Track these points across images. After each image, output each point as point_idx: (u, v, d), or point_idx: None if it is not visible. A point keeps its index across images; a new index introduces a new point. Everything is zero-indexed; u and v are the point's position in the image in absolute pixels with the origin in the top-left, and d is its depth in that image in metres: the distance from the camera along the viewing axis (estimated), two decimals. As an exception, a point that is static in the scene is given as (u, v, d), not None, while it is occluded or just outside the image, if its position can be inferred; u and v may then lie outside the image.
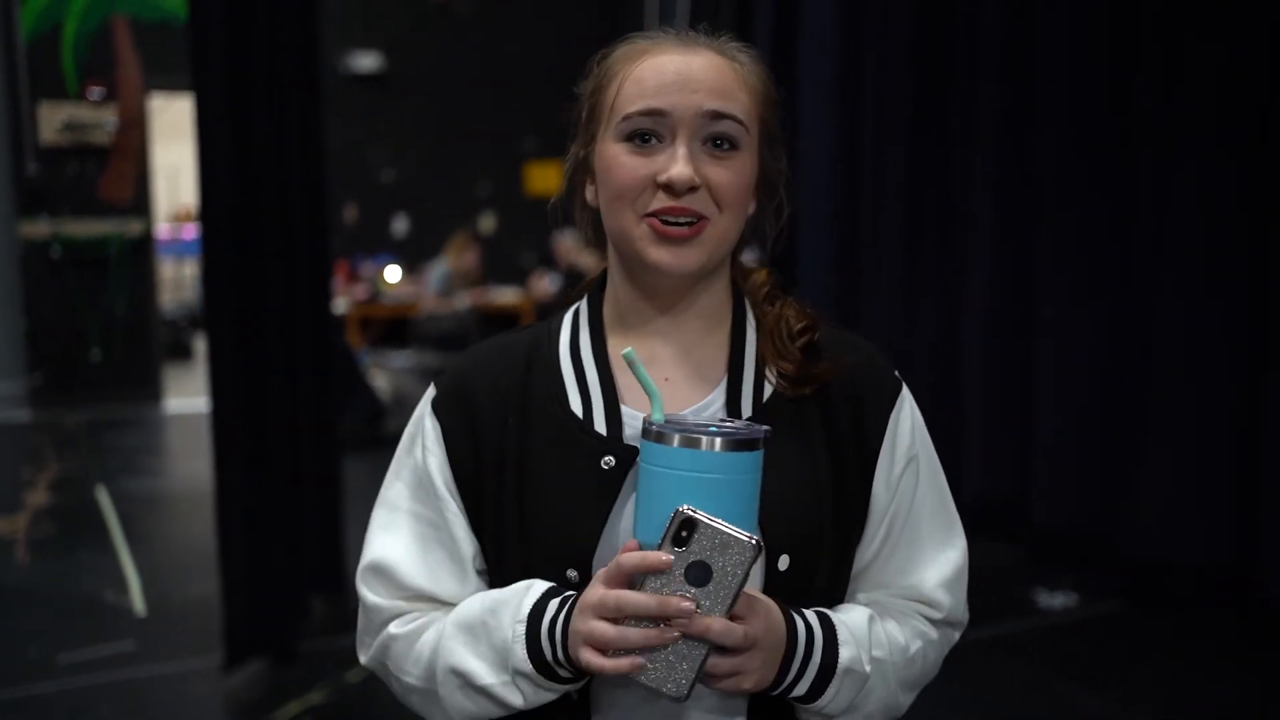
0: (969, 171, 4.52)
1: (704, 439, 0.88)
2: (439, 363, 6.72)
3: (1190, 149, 3.61)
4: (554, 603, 0.95)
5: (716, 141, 0.98)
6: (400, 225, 8.81)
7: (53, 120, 7.37)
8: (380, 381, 6.98)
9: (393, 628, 1.04)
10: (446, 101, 8.58)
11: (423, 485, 1.05)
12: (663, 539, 0.86)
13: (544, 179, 8.52)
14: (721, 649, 0.88)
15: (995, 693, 3.08)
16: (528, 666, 0.94)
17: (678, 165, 0.96)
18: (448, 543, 1.04)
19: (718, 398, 1.03)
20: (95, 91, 7.43)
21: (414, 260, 8.30)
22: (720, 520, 0.85)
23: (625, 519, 0.98)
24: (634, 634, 0.87)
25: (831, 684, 0.96)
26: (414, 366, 6.96)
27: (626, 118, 0.99)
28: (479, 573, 1.05)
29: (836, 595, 1.05)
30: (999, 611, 3.62)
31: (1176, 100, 3.62)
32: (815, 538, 1.00)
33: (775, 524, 0.96)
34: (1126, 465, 3.85)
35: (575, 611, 0.92)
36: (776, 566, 0.97)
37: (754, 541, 0.85)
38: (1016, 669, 3.25)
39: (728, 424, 0.94)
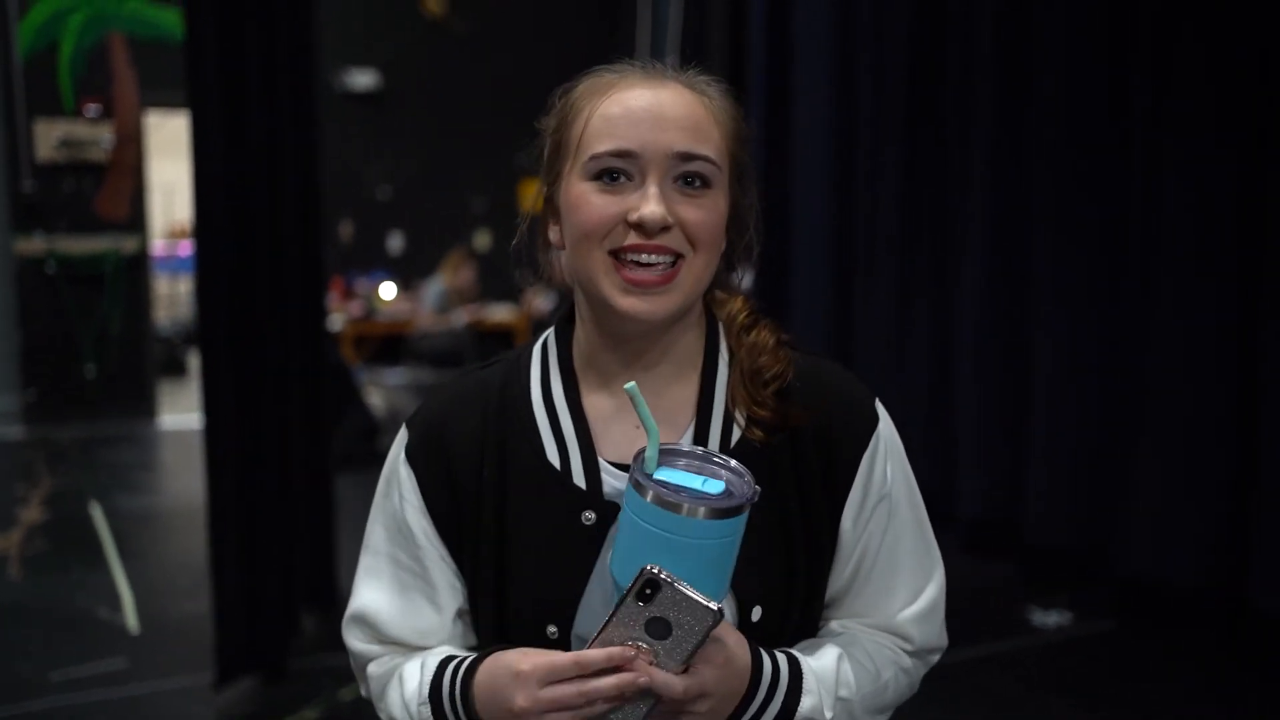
0: (963, 182, 4.54)
1: (685, 505, 0.87)
2: (434, 379, 6.72)
3: (1186, 154, 3.61)
4: (447, 673, 0.98)
5: (689, 180, 0.95)
6: (396, 242, 8.82)
7: (49, 137, 7.38)
8: (375, 398, 6.98)
9: (370, 667, 1.07)
10: (442, 119, 8.60)
11: (401, 532, 1.04)
12: (627, 591, 0.86)
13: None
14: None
15: (987, 710, 3.08)
16: None
17: (650, 204, 0.93)
18: (428, 591, 1.04)
19: (684, 442, 1.00)
20: (91, 108, 7.45)
21: (409, 277, 8.31)
22: (686, 585, 0.85)
23: (605, 572, 0.96)
24: (601, 684, 0.87)
25: None
26: (409, 383, 6.96)
27: (594, 157, 0.95)
28: (460, 615, 1.05)
29: (809, 629, 1.05)
30: (991, 629, 3.62)
31: (1172, 104, 3.63)
32: (787, 586, 0.99)
33: (747, 577, 0.95)
34: (1119, 484, 3.85)
35: (513, 685, 0.91)
36: (750, 618, 0.97)
37: (716, 609, 0.85)
38: (1008, 686, 3.25)
39: (722, 461, 0.94)
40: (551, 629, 0.97)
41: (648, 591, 0.85)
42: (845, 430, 1.03)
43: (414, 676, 1.01)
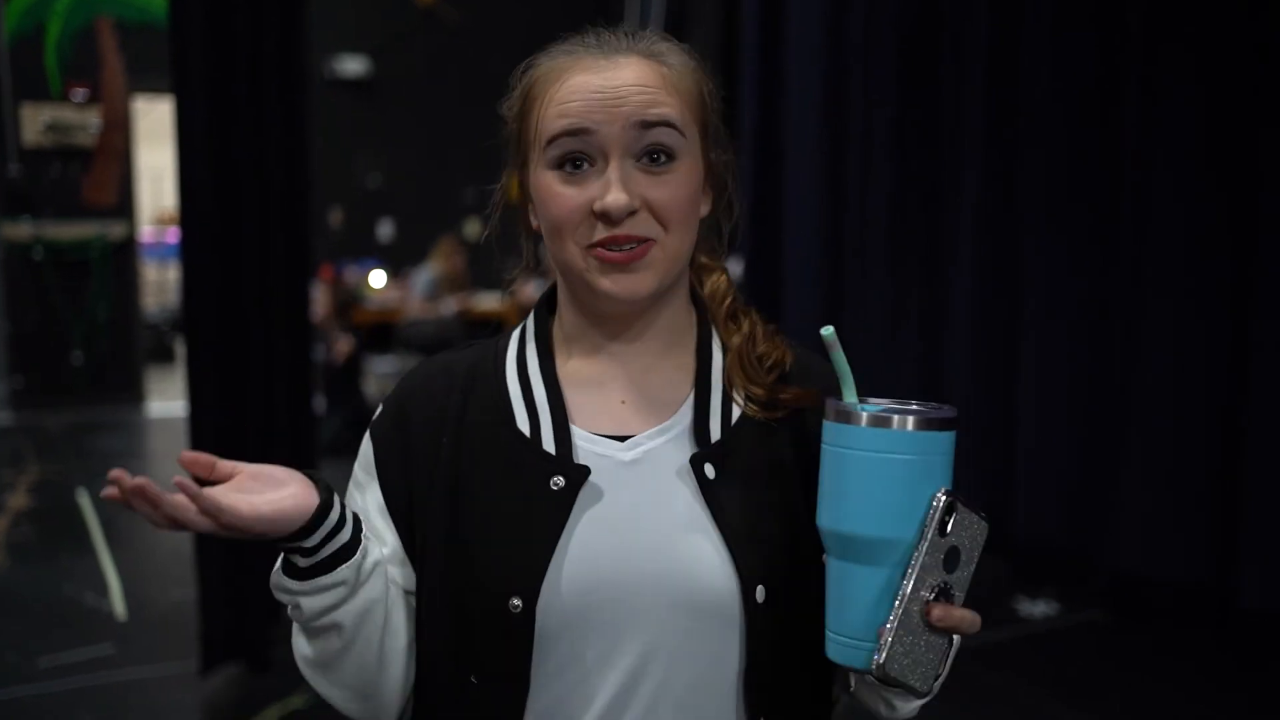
0: (955, 175, 4.54)
1: (908, 419, 0.83)
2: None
3: (1176, 151, 3.62)
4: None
5: (653, 156, 0.93)
6: (386, 230, 8.80)
7: (35, 121, 7.33)
8: (366, 386, 6.97)
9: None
10: (433, 107, 8.57)
11: (351, 496, 1.04)
12: (927, 525, 0.81)
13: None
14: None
15: (972, 700, 3.09)
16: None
17: (611, 192, 0.91)
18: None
19: (682, 418, 0.98)
20: (78, 93, 7.41)
21: (399, 265, 8.29)
22: (966, 501, 0.82)
23: (575, 543, 0.92)
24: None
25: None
26: (398, 371, 6.95)
27: (552, 141, 0.93)
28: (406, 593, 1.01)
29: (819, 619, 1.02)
30: (981, 623, 3.63)
31: (1162, 103, 3.63)
32: (792, 564, 0.95)
33: (749, 554, 0.93)
34: (1107, 480, 3.86)
35: None
36: (754, 598, 0.92)
37: (988, 521, 0.83)
38: (994, 676, 3.26)
39: (905, 402, 0.89)
40: (515, 602, 0.91)
41: (945, 519, 0.81)
42: None
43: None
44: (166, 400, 7.77)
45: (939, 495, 0.82)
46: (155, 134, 8.37)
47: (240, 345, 3.23)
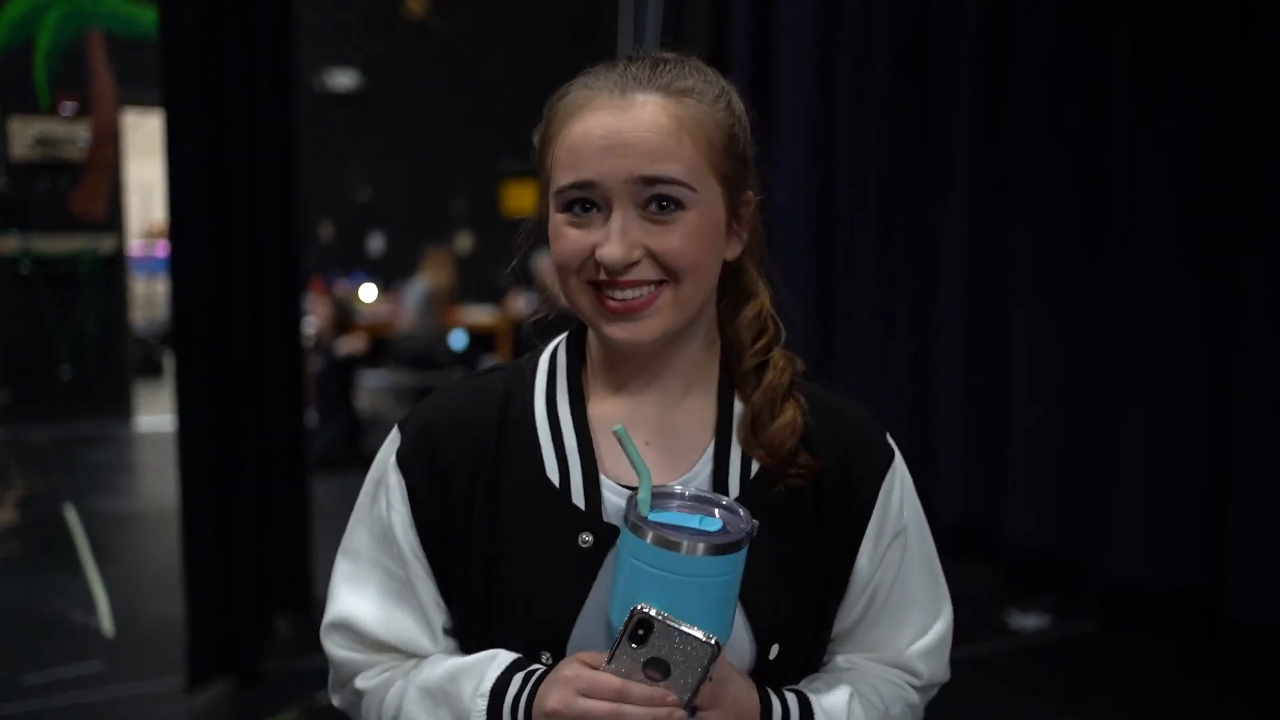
0: (944, 184, 4.55)
1: (684, 544, 0.85)
2: (414, 382, 6.70)
3: (1167, 162, 3.63)
4: (518, 678, 0.91)
5: (661, 204, 0.91)
6: (376, 243, 8.78)
7: (24, 134, 7.31)
8: (358, 401, 6.95)
9: (358, 682, 1.01)
10: (424, 120, 8.57)
11: (387, 539, 1.00)
12: (621, 634, 0.85)
13: (521, 198, 8.51)
14: None
15: (965, 712, 3.08)
16: None
17: (609, 245, 0.90)
18: (414, 602, 0.99)
19: (703, 468, 0.98)
20: (68, 106, 7.39)
21: (390, 278, 8.27)
22: (679, 621, 0.84)
23: (603, 598, 0.93)
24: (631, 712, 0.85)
25: None
26: (389, 385, 6.93)
27: (559, 191, 0.93)
28: (446, 632, 1.01)
29: (814, 665, 1.03)
30: (971, 632, 3.63)
31: (1154, 101, 3.64)
32: (804, 621, 0.97)
33: (767, 614, 0.94)
34: (1099, 489, 3.86)
35: (552, 684, 0.88)
36: (767, 656, 0.94)
37: (714, 642, 0.84)
38: (987, 688, 3.25)
39: (714, 500, 0.92)
40: (545, 656, 0.93)
41: (640, 632, 0.84)
42: (863, 466, 1.01)
43: (469, 677, 0.94)
44: (155, 415, 7.73)
45: (635, 608, 0.85)
46: (145, 147, 8.35)
47: (230, 359, 3.22)
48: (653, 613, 0.84)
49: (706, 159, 0.93)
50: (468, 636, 0.99)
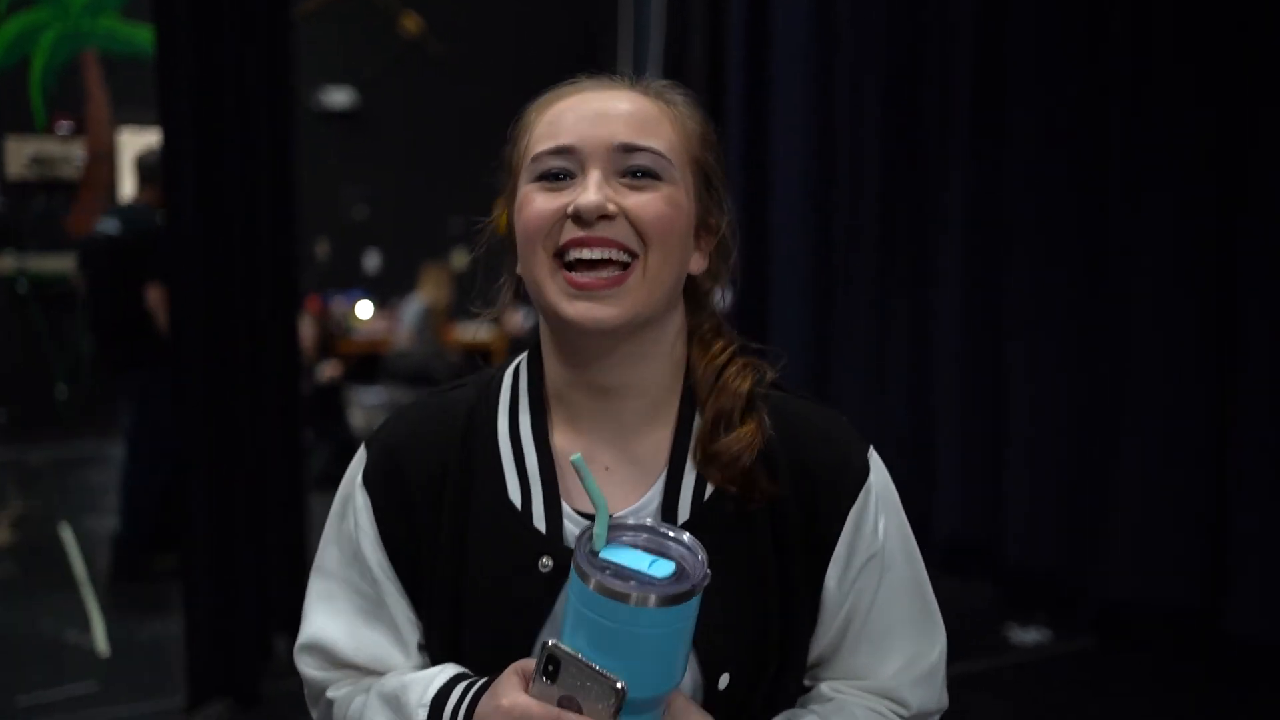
0: (941, 202, 4.56)
1: (633, 595, 0.81)
2: (411, 399, 6.69)
3: (1164, 181, 3.64)
4: (459, 688, 0.91)
5: (635, 172, 0.90)
6: (372, 261, 8.78)
7: (20, 154, 7.31)
8: (353, 418, 6.94)
9: (329, 692, 1.02)
10: (419, 138, 8.58)
11: (357, 558, 1.00)
12: (535, 669, 0.84)
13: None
14: None
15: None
16: None
17: (586, 194, 0.88)
18: (386, 620, 0.99)
19: (657, 495, 0.94)
20: (63, 126, 7.39)
21: (385, 296, 8.27)
22: (587, 660, 0.82)
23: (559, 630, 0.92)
24: None
25: None
26: (386, 402, 6.92)
27: (536, 158, 0.91)
28: (421, 648, 1.00)
29: (780, 699, 0.98)
30: (969, 648, 3.61)
31: (1150, 117, 3.65)
32: (758, 650, 0.93)
33: (715, 642, 0.90)
34: (1098, 506, 3.85)
35: (493, 711, 0.86)
36: (716, 686, 0.91)
37: (618, 686, 0.81)
38: (986, 704, 3.24)
39: (673, 538, 0.87)
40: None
41: (550, 668, 0.82)
42: (831, 484, 0.96)
43: (416, 687, 0.93)
44: (151, 433, 7.70)
45: (545, 644, 0.83)
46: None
47: (227, 378, 3.21)
48: (563, 649, 0.82)
49: (685, 149, 0.93)
50: (438, 654, 0.98)
